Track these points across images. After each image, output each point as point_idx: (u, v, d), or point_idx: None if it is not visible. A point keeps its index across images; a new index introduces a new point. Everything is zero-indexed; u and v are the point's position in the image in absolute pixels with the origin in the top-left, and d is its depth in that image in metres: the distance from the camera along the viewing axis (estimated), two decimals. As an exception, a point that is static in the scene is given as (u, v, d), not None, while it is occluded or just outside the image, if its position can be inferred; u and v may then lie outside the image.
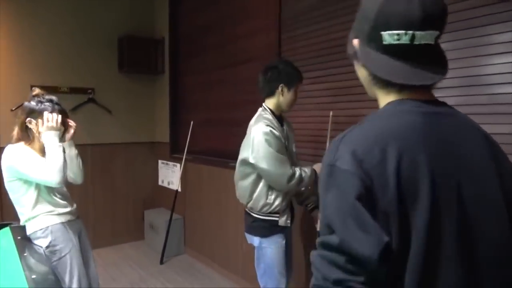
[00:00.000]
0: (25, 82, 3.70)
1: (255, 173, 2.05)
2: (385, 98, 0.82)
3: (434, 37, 0.74)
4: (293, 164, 2.12)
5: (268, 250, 2.10)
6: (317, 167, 2.11)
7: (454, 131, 0.78)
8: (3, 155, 1.90)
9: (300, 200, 2.36)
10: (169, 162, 4.37)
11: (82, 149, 2.62)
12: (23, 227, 1.94)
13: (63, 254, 1.91)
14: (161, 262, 3.85)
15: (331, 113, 2.25)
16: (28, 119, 1.91)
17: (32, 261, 1.67)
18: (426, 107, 0.77)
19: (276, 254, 2.09)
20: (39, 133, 1.90)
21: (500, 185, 0.77)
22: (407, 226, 0.68)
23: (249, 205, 2.12)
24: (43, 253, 1.87)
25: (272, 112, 2.09)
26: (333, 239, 0.67)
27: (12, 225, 2.01)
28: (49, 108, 1.92)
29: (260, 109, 2.14)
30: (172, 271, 3.67)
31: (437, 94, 0.83)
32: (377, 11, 0.74)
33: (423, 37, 0.72)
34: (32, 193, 1.92)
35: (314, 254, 0.71)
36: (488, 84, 1.71)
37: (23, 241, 1.87)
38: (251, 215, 2.13)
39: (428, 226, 0.68)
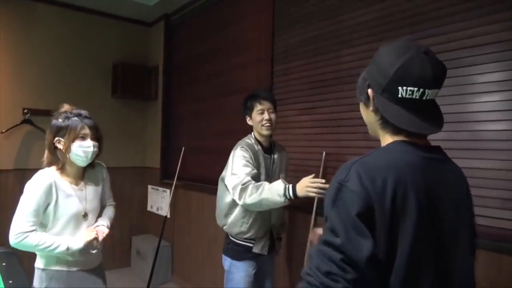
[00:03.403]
0: (17, 104, 3.72)
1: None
2: (389, 139, 0.99)
3: (436, 94, 0.92)
4: None
5: (236, 276, 2.11)
6: (299, 186, 1.89)
7: (442, 173, 0.96)
8: (29, 182, 1.72)
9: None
10: (159, 188, 4.35)
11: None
12: (8, 253, 1.89)
13: None
14: (147, 291, 3.77)
15: (324, 153, 2.35)
16: (57, 138, 1.74)
17: (17, 289, 1.63)
18: (424, 152, 0.94)
19: (243, 283, 2.09)
20: (67, 151, 1.73)
21: (470, 217, 0.99)
22: (395, 243, 0.84)
23: (224, 228, 2.17)
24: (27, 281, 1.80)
25: (256, 138, 2.20)
26: (336, 240, 0.83)
27: (-4, 251, 1.96)
28: (78, 123, 1.74)
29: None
30: (158, 300, 3.60)
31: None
32: (396, 69, 0.89)
33: (431, 94, 0.89)
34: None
35: (313, 249, 0.88)
36: (472, 121, 1.78)
37: (9, 267, 1.81)
38: (228, 237, 2.19)
39: (411, 245, 0.84)
